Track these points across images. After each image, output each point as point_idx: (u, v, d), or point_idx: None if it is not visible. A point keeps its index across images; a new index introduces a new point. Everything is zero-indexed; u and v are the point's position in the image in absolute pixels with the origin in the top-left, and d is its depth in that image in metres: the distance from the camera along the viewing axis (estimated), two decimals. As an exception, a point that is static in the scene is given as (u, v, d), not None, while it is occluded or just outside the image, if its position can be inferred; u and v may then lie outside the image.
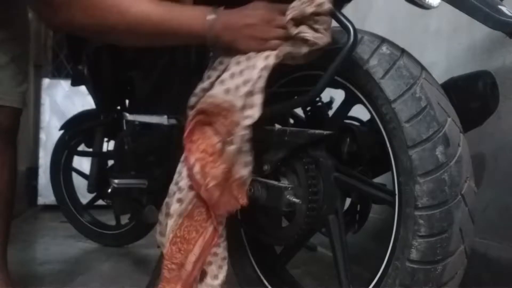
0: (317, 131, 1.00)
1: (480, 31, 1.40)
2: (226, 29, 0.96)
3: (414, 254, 0.86)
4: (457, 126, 0.88)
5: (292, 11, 0.90)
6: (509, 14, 0.83)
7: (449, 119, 0.87)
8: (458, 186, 0.84)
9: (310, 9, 0.87)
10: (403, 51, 0.93)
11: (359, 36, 0.94)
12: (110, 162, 1.97)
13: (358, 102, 1.00)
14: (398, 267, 0.89)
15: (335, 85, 1.01)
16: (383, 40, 0.95)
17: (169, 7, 0.98)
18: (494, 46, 1.37)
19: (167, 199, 1.08)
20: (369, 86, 0.93)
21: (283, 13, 0.93)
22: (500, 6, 0.85)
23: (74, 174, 2.42)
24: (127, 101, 1.88)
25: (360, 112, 1.04)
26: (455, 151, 0.85)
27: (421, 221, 0.85)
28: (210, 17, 0.95)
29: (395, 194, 0.91)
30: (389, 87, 0.90)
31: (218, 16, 0.96)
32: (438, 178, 0.84)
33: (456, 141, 0.86)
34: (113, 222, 2.21)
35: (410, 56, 0.93)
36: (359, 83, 0.96)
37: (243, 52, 0.97)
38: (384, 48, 0.93)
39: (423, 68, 0.92)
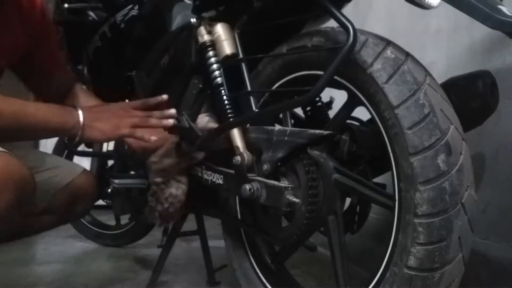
0: (317, 131, 0.99)
1: (480, 31, 1.40)
2: (87, 124, 1.09)
3: (412, 261, 0.85)
4: (459, 133, 0.87)
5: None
6: (509, 14, 0.83)
7: (452, 127, 0.85)
8: (459, 194, 0.83)
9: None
10: (407, 55, 0.91)
11: (363, 38, 0.93)
12: (110, 162, 1.97)
13: (361, 105, 0.99)
14: (396, 273, 0.88)
15: (338, 86, 1.01)
16: (388, 43, 0.93)
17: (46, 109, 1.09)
18: (494, 46, 1.37)
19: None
20: (372, 90, 0.92)
21: (135, 107, 1.15)
22: (499, 6, 0.84)
23: (74, 174, 2.41)
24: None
25: (360, 112, 1.04)
26: (457, 160, 0.84)
27: (420, 229, 0.84)
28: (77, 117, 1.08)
29: (395, 200, 0.91)
30: (393, 92, 0.88)
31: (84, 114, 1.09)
32: (438, 186, 0.83)
33: (458, 149, 0.85)
34: (113, 222, 2.21)
35: (414, 60, 0.91)
36: (362, 86, 0.95)
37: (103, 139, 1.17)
38: (389, 52, 0.91)
39: (427, 73, 0.90)
